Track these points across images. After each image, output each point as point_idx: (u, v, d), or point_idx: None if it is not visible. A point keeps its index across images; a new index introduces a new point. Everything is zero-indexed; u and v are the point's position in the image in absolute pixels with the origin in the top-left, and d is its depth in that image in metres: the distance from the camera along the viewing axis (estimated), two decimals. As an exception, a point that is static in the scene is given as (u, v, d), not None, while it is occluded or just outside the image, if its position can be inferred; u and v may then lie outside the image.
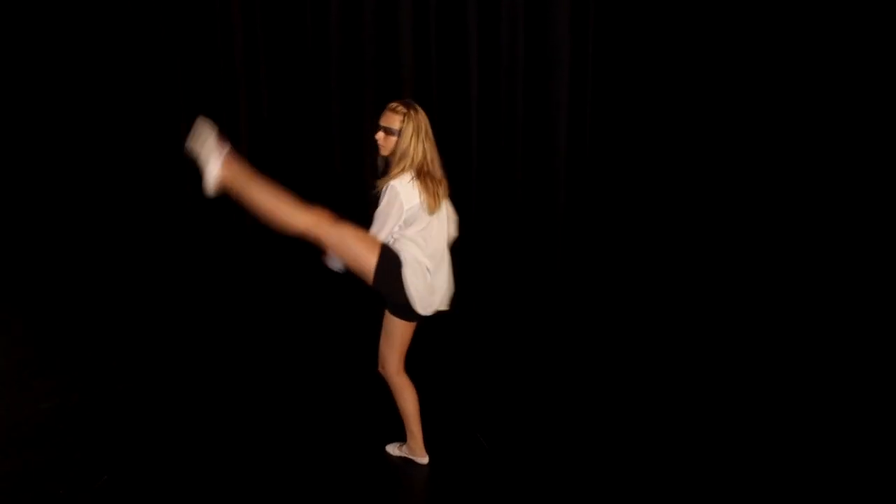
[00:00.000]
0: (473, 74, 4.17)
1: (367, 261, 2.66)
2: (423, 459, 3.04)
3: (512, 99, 4.10)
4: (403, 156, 2.68)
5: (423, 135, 2.69)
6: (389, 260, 2.68)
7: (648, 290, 3.97)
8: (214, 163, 2.51)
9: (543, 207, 4.14)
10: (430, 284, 2.71)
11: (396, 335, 2.85)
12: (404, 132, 2.67)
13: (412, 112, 2.69)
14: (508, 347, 4.29)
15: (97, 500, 2.80)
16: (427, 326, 2.96)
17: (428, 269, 2.72)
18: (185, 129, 5.24)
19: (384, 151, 2.74)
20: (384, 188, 2.66)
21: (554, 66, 3.95)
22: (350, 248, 2.66)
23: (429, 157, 2.70)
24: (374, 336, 3.00)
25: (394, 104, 2.74)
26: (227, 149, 2.50)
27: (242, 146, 5.22)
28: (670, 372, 3.85)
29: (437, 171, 2.74)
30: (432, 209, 2.67)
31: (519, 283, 4.27)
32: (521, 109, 4.09)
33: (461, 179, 4.24)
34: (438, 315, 2.87)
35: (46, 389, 3.77)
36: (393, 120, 2.70)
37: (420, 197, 2.66)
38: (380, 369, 2.96)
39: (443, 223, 2.77)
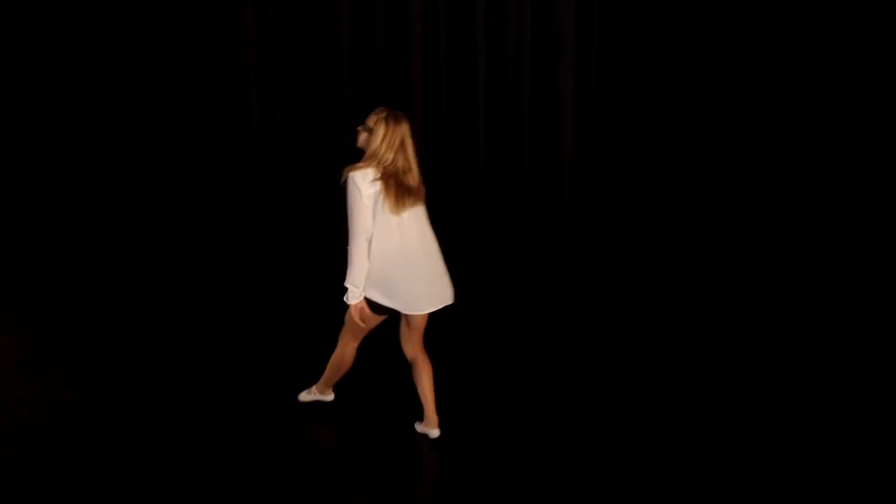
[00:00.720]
0: (481, 67, 4.22)
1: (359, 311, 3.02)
2: (434, 433, 3.23)
3: (518, 92, 4.14)
4: (373, 155, 2.90)
5: (396, 144, 2.90)
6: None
7: (654, 282, 3.99)
8: (319, 395, 3.48)
9: (549, 198, 4.19)
10: (381, 275, 2.93)
11: (411, 324, 3.12)
12: (376, 132, 2.90)
13: (390, 119, 2.92)
14: (516, 339, 4.36)
15: (124, 479, 2.92)
16: (437, 320, 3.11)
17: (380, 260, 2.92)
18: (197, 125, 5.35)
19: (357, 143, 3.00)
20: (346, 178, 2.87)
21: (558, 58, 3.99)
22: (354, 322, 3.05)
23: (400, 165, 2.90)
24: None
25: (380, 107, 3.01)
26: (316, 389, 3.48)
27: (255, 141, 5.27)
28: (673, 366, 3.89)
29: (412, 180, 2.94)
30: (393, 210, 2.86)
31: (526, 273, 4.32)
32: (528, 101, 4.14)
33: (469, 171, 4.32)
34: (448, 309, 3.07)
35: (68, 377, 3.90)
36: (370, 118, 2.96)
37: (380, 193, 2.86)
38: (404, 352, 3.24)
39: (411, 227, 2.94)
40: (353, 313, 2.99)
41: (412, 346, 3.17)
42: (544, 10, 4.01)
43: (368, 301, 2.98)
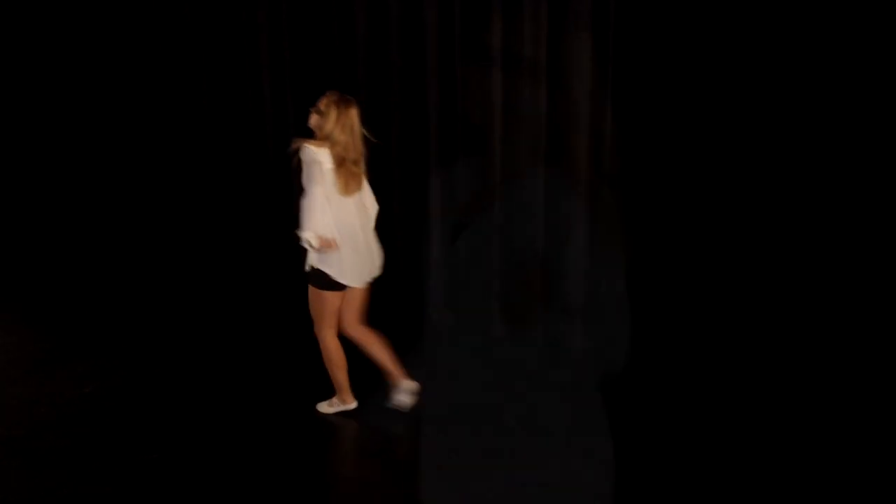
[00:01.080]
0: (496, 71, 4.27)
1: (317, 296, 3.27)
2: (408, 384, 3.40)
3: (535, 96, 4.20)
4: (328, 136, 3.12)
5: (347, 128, 3.13)
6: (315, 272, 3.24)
7: (665, 285, 4.03)
8: (342, 405, 3.51)
9: (564, 205, 4.23)
10: (333, 252, 3.17)
11: (349, 301, 3.35)
12: (328, 115, 3.14)
13: (341, 104, 3.16)
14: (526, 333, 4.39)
15: (148, 476, 2.90)
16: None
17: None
18: (207, 123, 5.31)
19: (309, 123, 3.19)
20: (300, 149, 3.10)
21: (574, 65, 4.06)
22: (320, 309, 3.30)
23: (351, 149, 3.14)
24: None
25: (330, 91, 3.24)
26: (336, 400, 3.52)
27: (266, 140, 5.25)
28: (678, 362, 3.93)
29: (359, 165, 3.21)
30: (342, 191, 3.14)
31: (540, 278, 4.36)
32: (544, 116, 4.19)
33: (483, 178, 4.36)
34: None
35: (78, 376, 3.87)
36: (322, 101, 3.18)
37: (334, 173, 3.10)
38: (345, 332, 3.40)
39: (355, 207, 3.22)
40: (330, 244, 3.12)
41: (353, 325, 3.37)
42: (559, 21, 4.08)
43: (327, 278, 3.19)
